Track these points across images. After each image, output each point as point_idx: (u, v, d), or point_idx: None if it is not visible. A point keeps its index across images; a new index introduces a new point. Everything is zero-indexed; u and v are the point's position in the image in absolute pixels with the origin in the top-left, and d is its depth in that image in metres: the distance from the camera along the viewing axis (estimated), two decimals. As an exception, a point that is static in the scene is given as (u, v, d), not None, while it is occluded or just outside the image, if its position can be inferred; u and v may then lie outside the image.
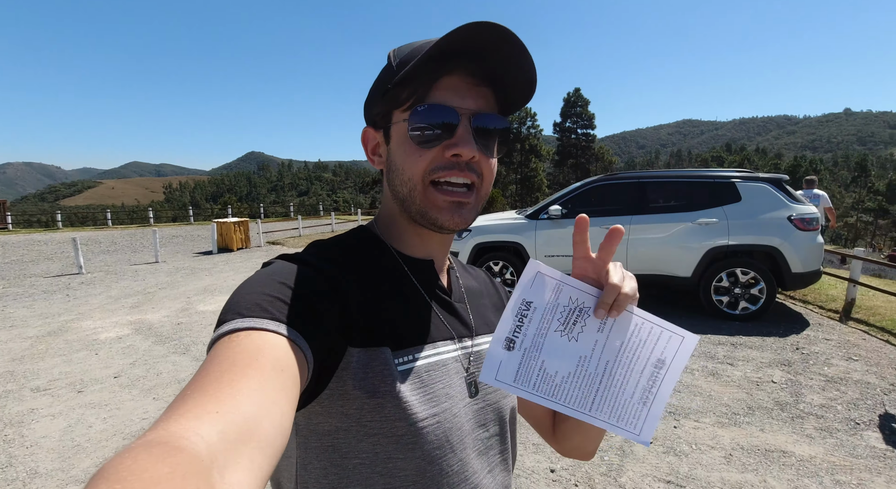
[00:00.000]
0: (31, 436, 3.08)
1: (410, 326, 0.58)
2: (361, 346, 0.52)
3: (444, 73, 0.55)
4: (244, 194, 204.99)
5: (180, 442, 0.28)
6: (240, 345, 0.39)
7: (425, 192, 0.57)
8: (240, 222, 13.70)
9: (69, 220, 25.91)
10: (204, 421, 0.31)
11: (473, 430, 0.60)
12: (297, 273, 0.50)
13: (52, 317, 6.21)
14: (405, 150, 0.57)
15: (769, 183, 5.34)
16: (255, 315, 0.42)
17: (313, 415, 0.52)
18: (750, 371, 3.99)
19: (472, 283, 0.74)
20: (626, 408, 0.52)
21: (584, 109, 44.08)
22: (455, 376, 0.59)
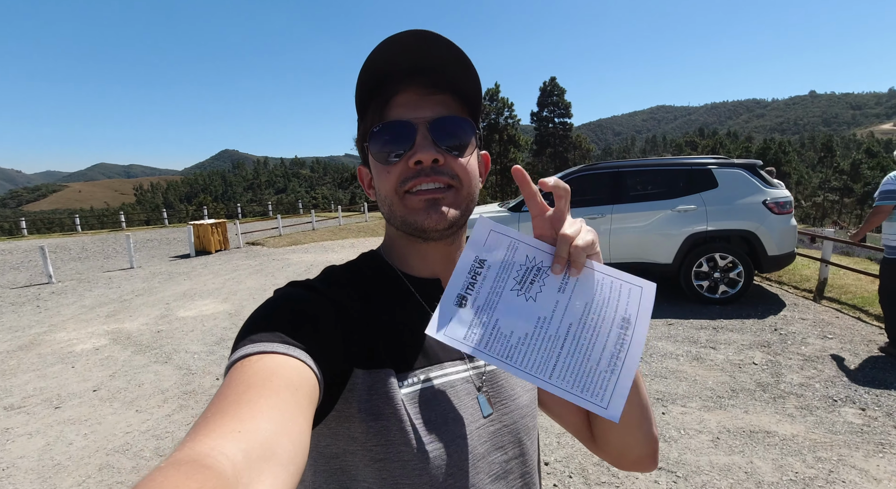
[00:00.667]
0: (7, 458, 2.96)
1: (416, 348, 0.57)
2: (366, 368, 0.52)
3: (393, 94, 0.57)
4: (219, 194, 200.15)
5: (206, 460, 0.30)
6: (253, 369, 0.41)
7: (402, 200, 0.58)
8: (217, 223, 13.38)
9: (34, 226, 24.86)
10: (228, 440, 0.32)
11: (489, 454, 0.58)
12: (305, 298, 0.52)
13: (22, 330, 5.96)
14: (377, 171, 0.60)
15: (744, 168, 5.46)
16: (265, 340, 0.44)
17: (321, 438, 0.53)
18: (732, 354, 4.10)
19: None
20: (591, 376, 0.46)
21: (560, 98, 44.30)
22: (465, 397, 0.58)
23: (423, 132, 0.56)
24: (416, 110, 0.57)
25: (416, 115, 0.57)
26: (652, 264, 5.62)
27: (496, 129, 41.98)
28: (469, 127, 0.60)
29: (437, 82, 0.58)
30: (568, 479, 2.54)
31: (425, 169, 0.56)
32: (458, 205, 0.59)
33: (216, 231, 13.21)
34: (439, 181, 0.57)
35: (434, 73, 0.57)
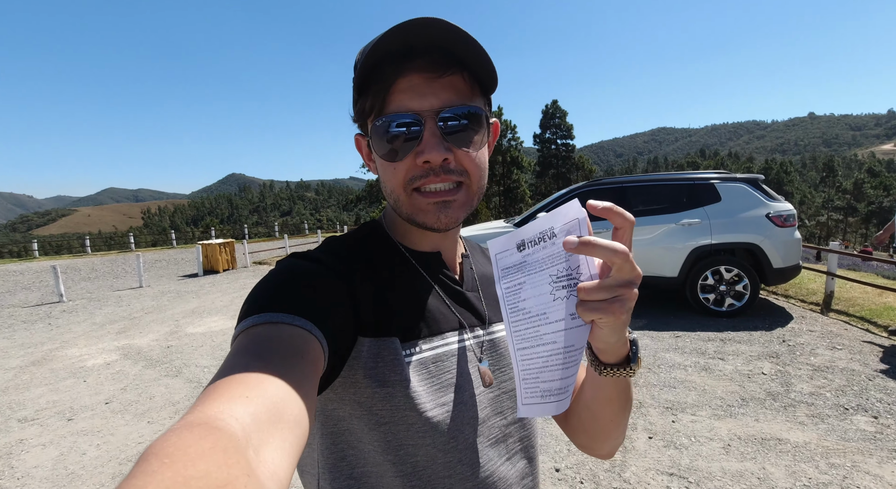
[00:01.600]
0: (22, 467, 2.98)
1: (418, 317, 0.58)
2: (372, 336, 0.54)
3: (395, 77, 0.53)
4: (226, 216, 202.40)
5: (217, 422, 0.30)
6: (260, 337, 0.42)
7: (410, 199, 0.57)
8: (225, 243, 13.52)
9: (44, 248, 25.18)
10: (236, 404, 0.33)
11: (489, 418, 0.60)
12: (308, 268, 0.53)
13: (35, 346, 6.02)
14: (381, 165, 0.58)
15: (746, 183, 5.55)
16: (271, 309, 0.45)
17: (328, 402, 0.54)
18: (740, 364, 4.10)
19: (488, 270, 0.73)
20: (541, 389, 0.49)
21: (562, 120, 45.01)
22: (465, 365, 0.60)
23: (430, 127, 0.53)
24: (423, 98, 0.53)
25: (422, 103, 0.53)
26: (657, 278, 5.66)
27: (499, 152, 42.52)
28: (480, 114, 0.56)
29: (442, 62, 0.53)
30: (580, 485, 2.54)
31: (434, 168, 0.54)
32: (469, 202, 0.58)
33: (224, 251, 13.34)
34: (449, 180, 0.55)
35: (437, 52, 0.53)
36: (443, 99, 0.53)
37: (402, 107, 0.53)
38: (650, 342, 4.80)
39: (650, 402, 3.45)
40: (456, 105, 0.54)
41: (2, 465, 3.01)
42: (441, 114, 0.53)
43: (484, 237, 6.40)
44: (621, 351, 0.50)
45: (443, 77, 0.53)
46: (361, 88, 0.56)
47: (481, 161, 0.58)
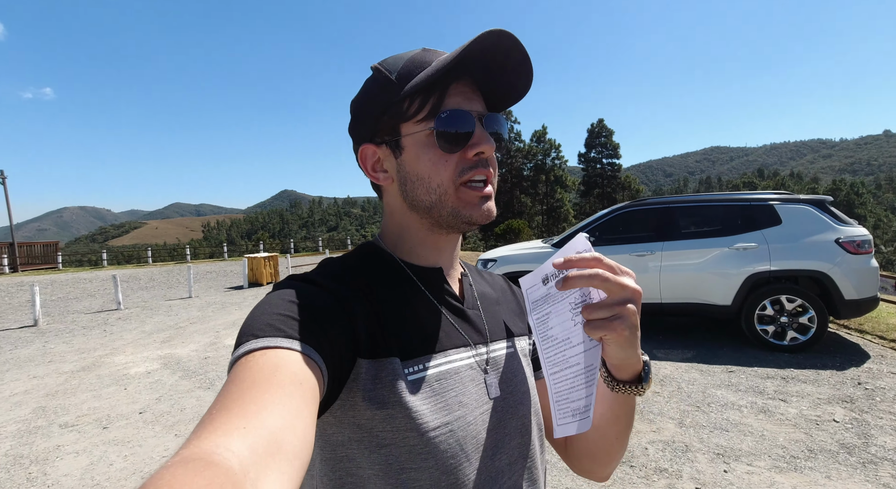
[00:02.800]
0: (54, 474, 3.06)
1: (420, 335, 0.58)
2: (370, 358, 0.52)
3: (453, 81, 0.58)
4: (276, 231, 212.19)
5: (213, 457, 0.30)
6: (257, 364, 0.41)
7: (457, 193, 0.58)
8: (269, 257, 14.05)
9: (115, 258, 27.29)
10: (233, 436, 0.32)
11: (491, 437, 0.58)
12: (305, 291, 0.52)
13: (88, 352, 6.37)
14: (430, 158, 0.58)
15: (811, 204, 5.05)
16: (268, 335, 0.44)
17: (327, 426, 0.53)
18: (806, 408, 3.62)
19: (488, 290, 0.73)
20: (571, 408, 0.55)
21: (608, 139, 44.07)
22: (470, 384, 0.58)
23: (479, 125, 0.58)
24: (471, 101, 0.59)
25: (471, 106, 0.59)
26: (708, 305, 5.21)
27: (543, 170, 42.13)
28: (506, 125, 0.64)
29: (485, 81, 0.61)
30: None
31: (483, 160, 0.58)
32: (494, 199, 0.62)
33: (268, 264, 13.85)
34: (488, 174, 0.59)
35: (490, 72, 0.59)
36: (482, 105, 0.61)
37: (457, 106, 0.58)
38: (699, 376, 4.38)
39: (698, 446, 3.09)
40: (493, 114, 0.61)
41: (37, 471, 3.11)
42: (487, 117, 0.60)
43: (522, 257, 6.20)
44: (635, 367, 0.55)
45: (477, 91, 0.61)
46: (418, 89, 0.57)
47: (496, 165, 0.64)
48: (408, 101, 0.58)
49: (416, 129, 0.58)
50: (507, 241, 26.64)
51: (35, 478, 3.01)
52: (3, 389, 4.87)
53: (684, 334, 5.89)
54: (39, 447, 3.46)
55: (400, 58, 0.60)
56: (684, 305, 5.35)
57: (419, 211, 0.61)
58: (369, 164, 0.64)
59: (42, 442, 3.55)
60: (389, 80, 0.58)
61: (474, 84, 0.61)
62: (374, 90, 0.60)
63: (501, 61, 0.58)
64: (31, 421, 3.98)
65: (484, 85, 0.62)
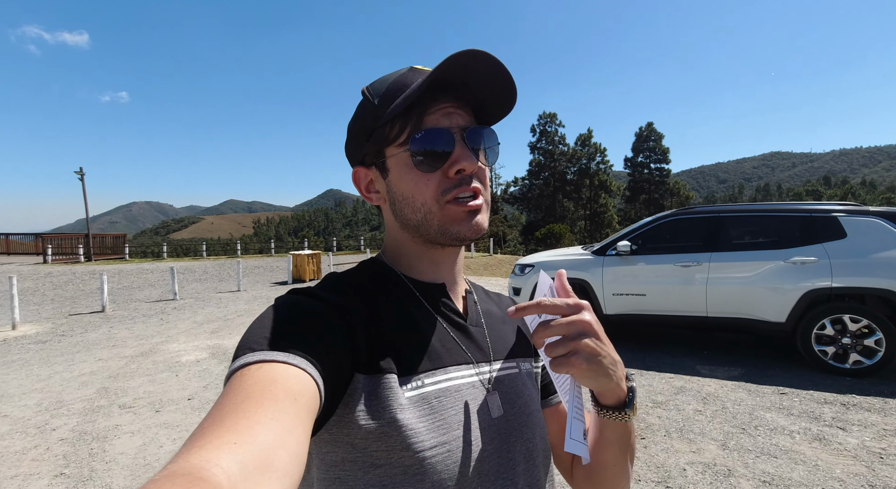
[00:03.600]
0: (112, 452, 3.32)
1: (420, 351, 0.56)
2: (367, 373, 0.52)
3: (432, 102, 0.58)
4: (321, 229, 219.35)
5: (201, 473, 0.30)
6: (252, 378, 0.40)
7: (443, 210, 0.58)
8: (313, 254, 14.57)
9: (174, 251, 29.23)
10: (223, 452, 0.32)
11: (492, 460, 0.56)
12: (305, 305, 0.52)
13: (147, 338, 6.86)
14: (411, 178, 0.59)
15: (882, 217, 4.64)
16: (265, 348, 0.44)
17: (322, 444, 0.52)
18: (869, 439, 3.33)
19: (494, 308, 0.72)
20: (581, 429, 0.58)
21: (657, 143, 42.41)
22: (471, 402, 0.57)
23: (460, 141, 0.58)
24: (451, 118, 0.58)
25: (450, 122, 0.58)
26: (759, 321, 4.90)
27: (587, 174, 41.14)
28: (495, 138, 0.63)
29: (469, 99, 0.61)
30: (643, 564, 2.18)
31: (466, 178, 0.58)
32: (487, 213, 0.61)
33: (311, 261, 14.37)
34: (475, 190, 0.58)
35: (469, 89, 0.59)
36: (466, 120, 0.60)
37: (434, 124, 0.57)
38: (746, 396, 4.13)
39: (742, 471, 2.92)
40: (476, 127, 0.60)
41: (97, 448, 3.38)
42: (468, 131, 0.59)
43: (561, 263, 6.09)
44: (617, 394, 0.57)
45: (462, 108, 0.60)
46: (389, 115, 0.58)
47: (488, 181, 0.63)
48: (388, 125, 0.59)
49: (397, 152, 0.59)
50: (547, 246, 26.14)
51: (96, 454, 3.27)
52: (74, 369, 5.33)
53: (732, 351, 5.57)
54: (101, 425, 3.77)
55: (385, 80, 0.61)
56: (733, 320, 5.06)
57: (409, 229, 0.61)
58: (363, 186, 0.66)
59: (103, 421, 3.86)
60: (373, 104, 0.60)
61: (458, 101, 0.60)
62: (361, 115, 0.62)
63: (478, 79, 0.57)
64: (95, 400, 4.33)
65: (468, 100, 0.61)
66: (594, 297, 5.69)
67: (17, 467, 3.09)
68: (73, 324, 8.01)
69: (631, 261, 5.55)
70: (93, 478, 2.97)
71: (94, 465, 3.12)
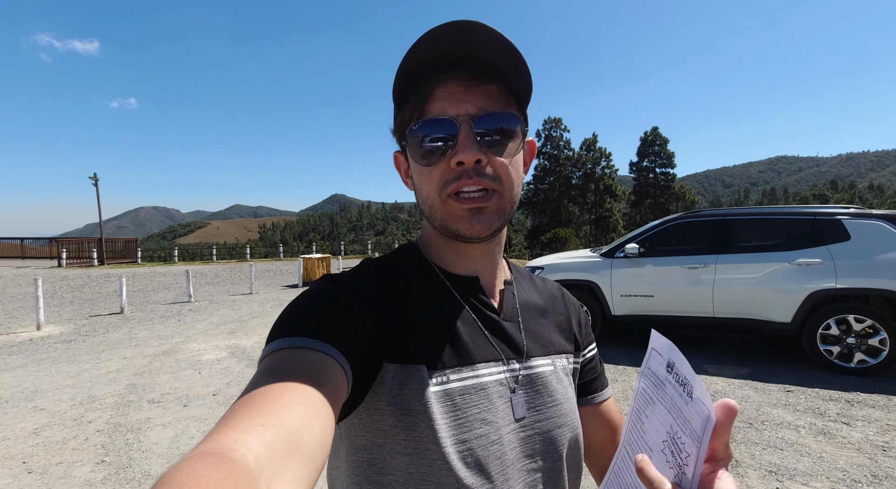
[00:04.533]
0: (147, 442, 3.50)
1: (449, 345, 0.56)
2: (398, 363, 0.53)
3: (434, 86, 0.55)
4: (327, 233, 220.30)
5: (231, 453, 0.30)
6: (282, 363, 0.42)
7: (444, 205, 0.56)
8: (323, 258, 14.77)
9: (183, 255, 29.58)
10: (251, 433, 0.33)
11: (519, 460, 0.56)
12: (335, 292, 0.53)
13: (167, 338, 7.06)
14: (417, 170, 0.58)
15: (886, 220, 4.76)
16: (294, 334, 0.45)
17: (352, 428, 0.53)
18: (873, 434, 3.45)
19: (535, 299, 0.70)
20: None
21: (662, 148, 42.44)
22: (497, 400, 0.56)
23: (465, 130, 0.54)
24: (459, 104, 0.54)
25: (458, 109, 0.54)
26: (765, 322, 5.02)
27: (592, 179, 41.19)
28: (515, 122, 0.57)
29: (480, 72, 0.55)
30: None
31: (468, 170, 0.54)
32: (502, 211, 0.57)
33: (321, 264, 14.56)
34: (481, 183, 0.54)
35: (476, 62, 0.54)
36: (479, 105, 0.54)
37: (439, 113, 0.54)
38: (753, 393, 4.25)
39: (749, 462, 3.05)
40: (491, 111, 0.55)
41: (133, 438, 3.56)
42: (476, 118, 0.54)
43: (570, 265, 6.23)
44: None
45: (478, 86, 0.55)
46: (400, 100, 0.57)
47: (515, 170, 0.58)
48: (401, 109, 0.58)
49: (409, 140, 0.57)
50: (552, 250, 26.23)
51: (132, 444, 3.45)
52: (101, 367, 5.53)
53: (739, 350, 5.68)
54: (133, 418, 3.95)
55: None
56: (739, 320, 5.18)
57: (429, 220, 0.61)
58: (402, 171, 0.64)
59: (135, 414, 4.04)
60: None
61: (469, 80, 0.55)
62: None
63: (471, 51, 0.53)
64: (125, 395, 4.52)
65: (484, 78, 0.55)
66: (602, 299, 5.84)
67: (61, 455, 3.28)
68: (95, 324, 8.24)
69: (639, 263, 5.69)
70: (132, 465, 3.15)
71: (132, 454, 3.30)
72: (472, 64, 0.54)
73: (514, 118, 0.56)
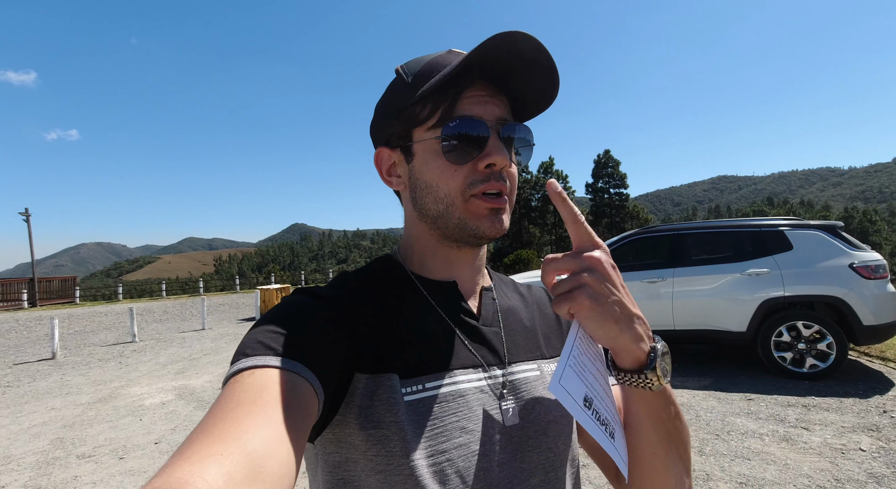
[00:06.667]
0: (72, 504, 3.08)
1: (423, 354, 0.54)
2: (368, 373, 0.50)
3: (468, 85, 0.54)
4: (287, 264, 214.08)
5: (186, 487, 0.28)
6: (244, 384, 0.39)
7: (466, 204, 0.55)
8: (282, 288, 14.19)
9: (129, 292, 27.67)
10: (208, 463, 0.31)
11: (502, 470, 0.52)
12: (305, 305, 0.51)
13: (104, 383, 6.43)
14: (438, 166, 0.55)
15: (822, 230, 5.06)
16: (258, 353, 0.43)
17: (327, 444, 0.50)
18: (830, 437, 3.53)
19: (517, 305, 0.68)
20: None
21: (615, 170, 44.50)
22: (478, 408, 0.53)
23: (495, 134, 0.54)
24: (485, 106, 0.55)
25: (485, 111, 0.54)
26: (723, 332, 5.17)
27: (550, 201, 42.41)
28: (531, 135, 0.60)
29: (507, 91, 0.57)
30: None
31: (496, 173, 0.54)
32: (510, 214, 0.58)
33: (280, 295, 13.96)
34: (501, 187, 0.55)
35: (519, 78, 0.56)
36: (501, 112, 0.56)
37: (469, 112, 0.54)
38: (717, 404, 4.30)
39: (720, 475, 3.03)
40: (513, 122, 0.57)
41: (55, 500, 3.12)
42: (506, 126, 0.56)
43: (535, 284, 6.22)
44: (635, 354, 0.49)
45: (498, 95, 0.56)
46: (428, 94, 0.54)
47: (516, 178, 0.59)
48: (420, 105, 0.55)
49: (426, 136, 0.56)
50: (516, 271, 26.52)
51: (54, 508, 3.02)
52: (23, 421, 4.92)
53: (700, 362, 5.80)
54: (57, 478, 3.49)
55: (421, 60, 0.57)
56: (699, 332, 5.30)
57: (427, 220, 0.58)
58: (384, 168, 0.62)
59: (60, 472, 3.57)
60: (405, 82, 0.56)
61: (494, 88, 0.56)
62: (392, 92, 0.59)
63: (519, 63, 0.54)
64: (49, 452, 4.01)
65: (506, 88, 0.57)
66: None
67: (-36, 529, 2.82)
68: (20, 373, 7.42)
69: (600, 279, 5.77)
70: (52, 534, 2.74)
71: (53, 521, 2.88)
72: (505, 73, 0.55)
73: (530, 132, 0.60)
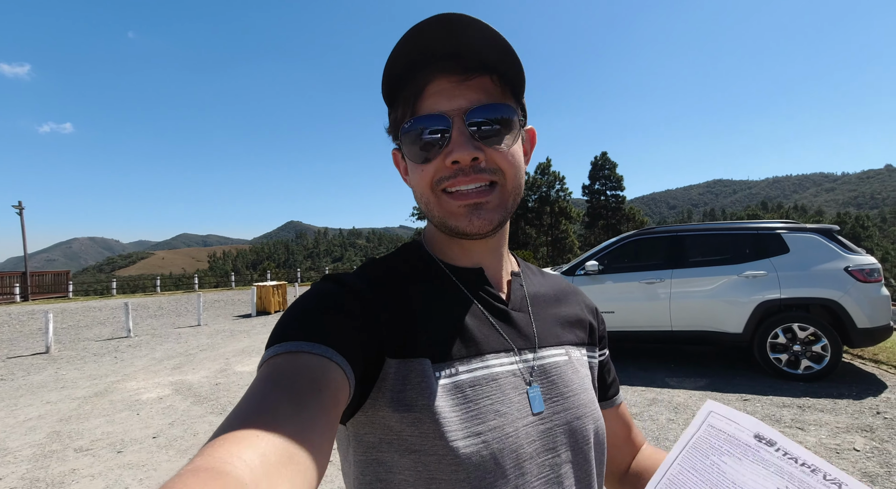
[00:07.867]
0: (71, 497, 3.06)
1: (455, 337, 0.54)
2: (399, 358, 0.51)
3: (425, 82, 0.53)
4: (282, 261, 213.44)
5: (224, 467, 0.30)
6: (278, 369, 0.41)
7: (439, 201, 0.55)
8: (278, 285, 14.13)
9: (123, 288, 27.44)
10: (245, 445, 0.32)
11: (538, 455, 0.53)
12: (333, 292, 0.52)
13: (100, 378, 6.39)
14: (411, 167, 0.57)
15: (818, 233, 5.12)
16: (292, 338, 0.44)
17: (359, 426, 0.51)
18: (825, 437, 3.58)
19: (544, 291, 0.68)
20: None
21: (612, 172, 44.69)
22: (511, 392, 0.54)
23: (459, 126, 0.52)
24: (452, 99, 0.53)
25: (450, 105, 0.53)
26: (719, 333, 5.21)
27: (547, 202, 42.51)
28: (510, 111, 0.55)
29: (471, 66, 0.53)
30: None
31: (464, 168, 0.53)
32: (504, 203, 0.56)
33: (276, 292, 13.91)
34: (479, 180, 0.53)
35: (465, 55, 0.53)
36: (471, 99, 0.53)
37: (431, 109, 0.53)
38: (715, 405, 4.34)
39: (717, 475, 3.06)
40: (484, 104, 0.53)
41: (53, 493, 3.11)
42: (469, 113, 0.53)
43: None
44: None
45: (471, 79, 0.53)
46: (391, 99, 0.56)
47: (515, 160, 0.56)
48: (393, 108, 0.57)
49: (402, 139, 0.56)
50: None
51: (52, 501, 3.01)
52: (18, 414, 4.89)
53: (697, 362, 5.85)
54: (55, 471, 3.47)
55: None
56: (696, 333, 5.34)
57: (427, 217, 0.60)
58: (401, 168, 0.63)
59: (57, 466, 3.55)
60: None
61: (459, 74, 0.53)
62: None
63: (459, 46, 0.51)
64: (46, 445, 3.99)
65: (475, 70, 0.54)
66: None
67: (-39, 521, 2.80)
68: (13, 367, 7.36)
69: (599, 279, 5.80)
70: (51, 526, 2.73)
71: (52, 513, 2.87)
72: (461, 57, 0.53)
73: (508, 108, 0.55)
